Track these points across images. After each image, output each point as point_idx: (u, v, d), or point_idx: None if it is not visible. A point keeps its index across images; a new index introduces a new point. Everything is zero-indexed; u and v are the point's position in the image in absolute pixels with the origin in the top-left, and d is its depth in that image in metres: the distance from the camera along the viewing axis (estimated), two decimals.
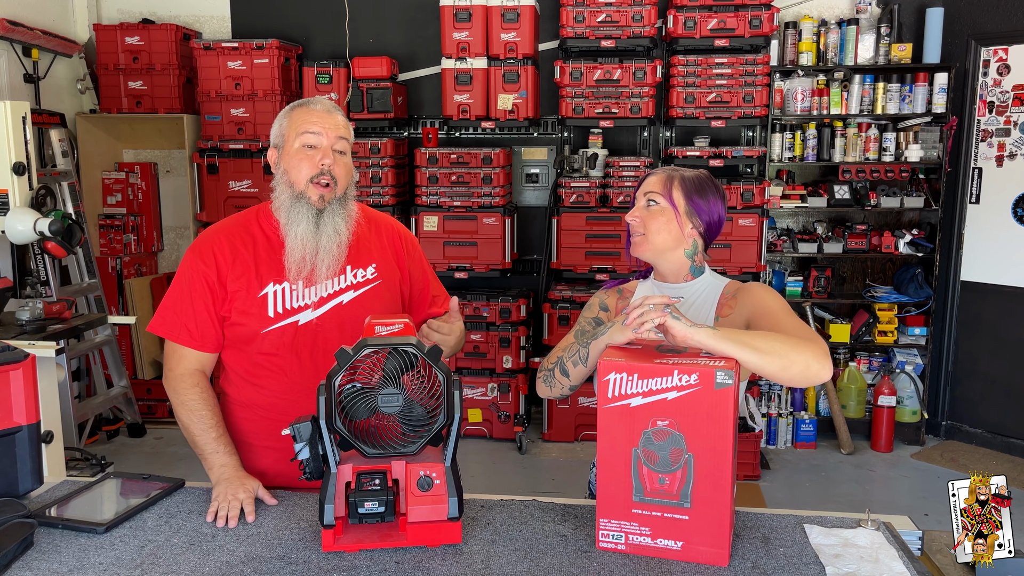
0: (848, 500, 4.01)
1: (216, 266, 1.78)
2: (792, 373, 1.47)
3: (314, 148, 1.77)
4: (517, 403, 4.68)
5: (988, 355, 4.67)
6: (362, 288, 1.83)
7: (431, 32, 4.78)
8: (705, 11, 4.38)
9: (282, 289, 1.78)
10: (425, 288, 1.98)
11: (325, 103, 1.83)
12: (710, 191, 1.79)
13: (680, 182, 1.78)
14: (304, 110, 1.80)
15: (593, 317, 1.88)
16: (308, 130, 1.77)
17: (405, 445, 1.44)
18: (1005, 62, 4.47)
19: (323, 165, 1.76)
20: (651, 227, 1.77)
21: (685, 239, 1.78)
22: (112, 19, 5.17)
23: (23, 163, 3.40)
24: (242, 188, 4.77)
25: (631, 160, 4.58)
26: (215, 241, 1.81)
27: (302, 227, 1.75)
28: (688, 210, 1.77)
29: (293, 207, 1.77)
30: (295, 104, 1.84)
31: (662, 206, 1.77)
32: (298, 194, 1.77)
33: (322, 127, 1.77)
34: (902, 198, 4.62)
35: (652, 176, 1.81)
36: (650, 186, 1.79)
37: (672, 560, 1.39)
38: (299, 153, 1.77)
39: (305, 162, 1.76)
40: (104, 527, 1.50)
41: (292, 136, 1.78)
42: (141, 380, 4.98)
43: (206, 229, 1.86)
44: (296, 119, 1.79)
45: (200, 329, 1.79)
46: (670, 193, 1.77)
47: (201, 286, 1.77)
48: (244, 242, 1.81)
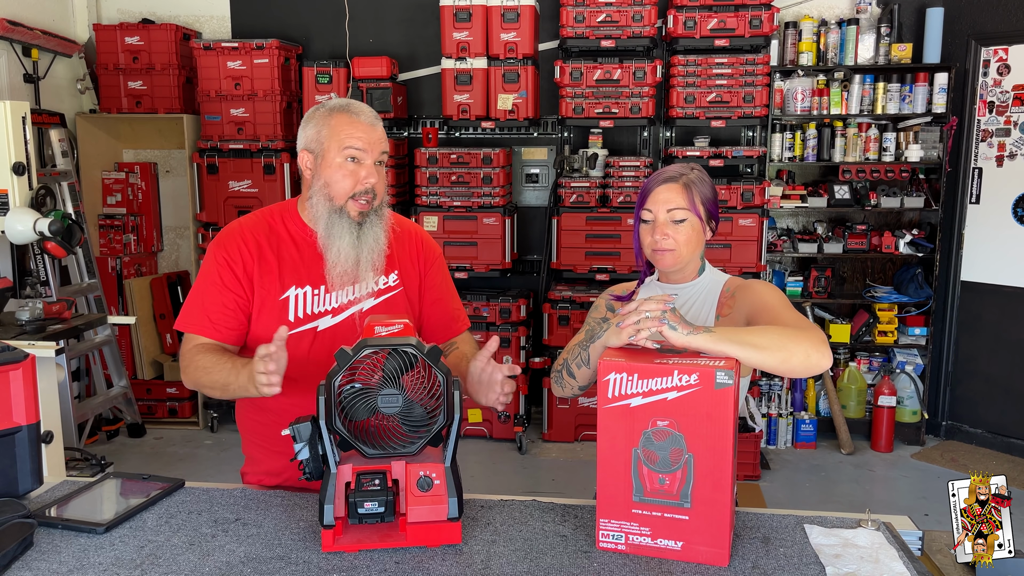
0: (848, 500, 4.01)
1: (242, 260, 1.75)
2: (793, 364, 1.48)
3: (357, 163, 1.71)
4: (517, 403, 4.68)
5: (988, 355, 4.67)
6: (383, 296, 1.81)
7: (431, 32, 4.78)
8: (705, 11, 4.38)
9: (304, 293, 1.75)
10: (443, 298, 1.94)
11: (368, 113, 1.74)
12: (711, 186, 1.81)
13: (696, 189, 1.76)
14: (347, 119, 1.72)
15: (601, 318, 1.89)
16: (353, 145, 1.70)
17: (405, 445, 1.44)
18: (1005, 62, 4.47)
19: (367, 184, 1.71)
20: (682, 242, 1.76)
21: (703, 242, 1.81)
22: (112, 19, 5.17)
23: (23, 163, 3.40)
24: (242, 188, 4.76)
25: (631, 160, 4.58)
26: (241, 235, 1.77)
27: (345, 241, 1.72)
28: (707, 215, 1.79)
29: (332, 221, 1.73)
30: (335, 108, 1.74)
31: (691, 221, 1.75)
32: (338, 208, 1.73)
33: (367, 143, 1.71)
34: (902, 198, 4.62)
35: (667, 188, 1.76)
36: (673, 202, 1.75)
37: (672, 560, 1.39)
38: (342, 168, 1.71)
39: (348, 179, 1.71)
40: (104, 527, 1.49)
41: (334, 147, 1.71)
42: (141, 380, 4.98)
43: (229, 224, 1.82)
44: (339, 129, 1.71)
45: (225, 321, 1.74)
46: (694, 205, 1.75)
47: (227, 278, 1.74)
48: (269, 241, 1.78)
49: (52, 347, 3.13)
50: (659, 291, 1.84)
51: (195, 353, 1.71)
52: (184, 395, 4.97)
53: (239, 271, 1.74)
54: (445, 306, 1.94)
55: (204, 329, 1.74)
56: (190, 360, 1.72)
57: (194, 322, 1.75)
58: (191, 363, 1.71)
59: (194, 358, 1.71)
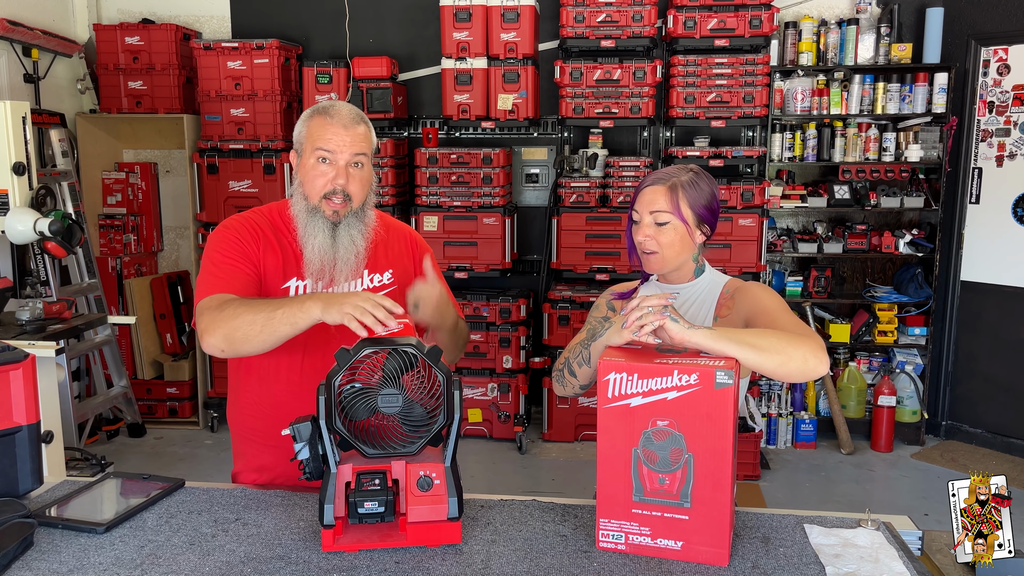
0: (848, 500, 4.01)
1: (253, 240, 1.77)
2: (790, 368, 1.48)
3: (328, 164, 1.73)
4: (517, 403, 4.68)
5: (988, 355, 4.67)
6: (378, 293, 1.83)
7: (431, 32, 4.78)
8: (705, 11, 4.38)
9: (304, 286, 1.78)
10: None
11: (345, 114, 1.75)
12: (708, 189, 1.77)
13: (684, 193, 1.73)
14: (322, 121, 1.74)
15: (602, 317, 1.89)
16: (323, 146, 1.72)
17: (405, 445, 1.44)
18: (1005, 62, 4.47)
19: (336, 185, 1.73)
20: (664, 245, 1.74)
21: (695, 245, 1.78)
22: (112, 19, 5.17)
23: (23, 163, 3.40)
24: (242, 188, 4.77)
25: (631, 160, 4.58)
26: (248, 220, 1.80)
27: (319, 239, 1.75)
28: (696, 219, 1.75)
29: (309, 219, 1.76)
30: (316, 110, 1.78)
31: (673, 224, 1.73)
32: (313, 207, 1.76)
33: (337, 144, 1.72)
34: (902, 198, 4.62)
35: (653, 190, 1.74)
36: (656, 204, 1.73)
37: (672, 560, 1.39)
38: (313, 168, 1.74)
39: (319, 179, 1.74)
40: (104, 527, 1.50)
41: (308, 148, 1.75)
42: (141, 380, 4.97)
43: (235, 215, 1.84)
44: (313, 130, 1.74)
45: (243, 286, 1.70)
46: (678, 208, 1.72)
47: (239, 250, 1.74)
48: (275, 232, 1.81)
49: (52, 347, 3.13)
50: (659, 291, 1.84)
51: (223, 301, 1.63)
52: (184, 395, 4.97)
53: (251, 249, 1.76)
54: None
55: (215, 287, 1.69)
56: (218, 308, 1.62)
57: (216, 285, 1.69)
58: (222, 311, 1.61)
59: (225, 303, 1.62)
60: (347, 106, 1.79)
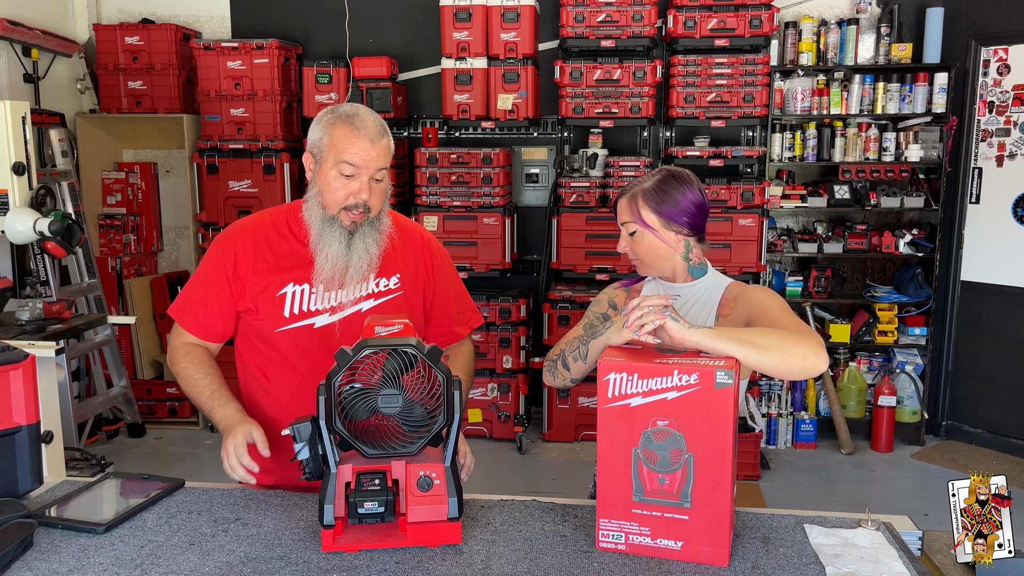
0: (848, 500, 4.01)
1: (235, 259, 1.78)
2: (790, 366, 1.49)
3: (351, 178, 1.70)
4: (517, 403, 4.68)
5: (988, 355, 4.67)
6: (383, 298, 1.81)
7: (431, 32, 4.78)
8: (705, 11, 4.38)
9: (301, 291, 1.77)
10: (447, 303, 1.93)
11: (371, 127, 1.69)
12: (675, 189, 1.76)
13: (643, 199, 1.77)
14: (347, 132, 1.68)
15: (602, 313, 1.90)
16: (348, 160, 1.67)
17: (405, 445, 1.44)
18: (1005, 62, 4.47)
19: (360, 199, 1.70)
20: (640, 253, 1.81)
21: (676, 246, 1.79)
22: (112, 19, 5.17)
23: (23, 163, 3.40)
24: (242, 188, 4.76)
25: (631, 160, 4.58)
26: (238, 235, 1.81)
27: (333, 248, 1.73)
28: (663, 222, 1.77)
29: (324, 227, 1.73)
30: (340, 116, 1.71)
31: (639, 231, 1.78)
32: (330, 217, 1.73)
33: (364, 159, 1.67)
34: (902, 198, 4.62)
35: (621, 202, 1.82)
36: (623, 216, 1.81)
37: (672, 560, 1.39)
38: (335, 180, 1.70)
39: (341, 191, 1.70)
40: (104, 527, 1.50)
41: (330, 158, 1.69)
42: (141, 380, 4.98)
43: (235, 221, 1.87)
44: (338, 141, 1.68)
45: (208, 319, 1.82)
46: (639, 216, 1.77)
47: (217, 277, 1.79)
48: (269, 239, 1.80)
49: (52, 347, 3.13)
50: (659, 290, 1.86)
51: (182, 355, 1.84)
52: (184, 395, 4.96)
53: (229, 270, 1.78)
54: (445, 307, 1.94)
55: (189, 325, 1.84)
56: (177, 360, 1.85)
57: (183, 315, 1.85)
58: (177, 363, 1.84)
59: (180, 360, 1.83)
60: (371, 115, 1.73)
